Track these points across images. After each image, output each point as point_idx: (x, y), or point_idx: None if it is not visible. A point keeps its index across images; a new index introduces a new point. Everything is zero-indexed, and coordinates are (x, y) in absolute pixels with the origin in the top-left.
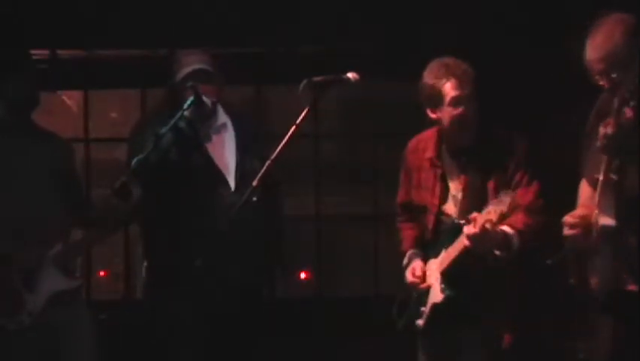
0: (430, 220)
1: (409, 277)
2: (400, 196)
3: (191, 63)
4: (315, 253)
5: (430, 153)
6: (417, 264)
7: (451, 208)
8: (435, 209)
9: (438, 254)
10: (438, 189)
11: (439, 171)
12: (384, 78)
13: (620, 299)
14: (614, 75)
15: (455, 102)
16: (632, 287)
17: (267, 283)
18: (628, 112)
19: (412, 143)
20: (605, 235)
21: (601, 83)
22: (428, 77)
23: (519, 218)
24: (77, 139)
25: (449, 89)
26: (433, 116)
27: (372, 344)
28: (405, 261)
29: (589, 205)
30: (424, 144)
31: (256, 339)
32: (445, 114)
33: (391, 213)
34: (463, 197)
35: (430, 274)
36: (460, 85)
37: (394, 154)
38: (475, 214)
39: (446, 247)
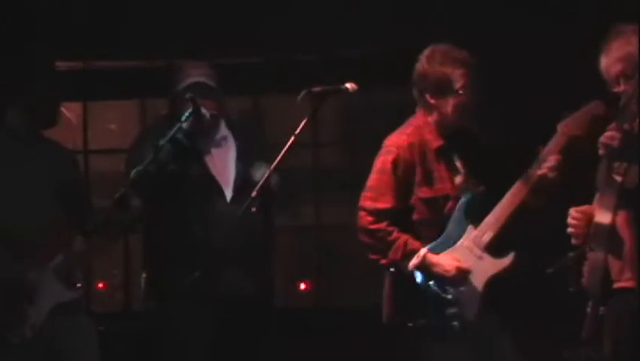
0: (449, 207)
1: (454, 267)
2: (385, 202)
3: (193, 76)
4: (316, 262)
5: (435, 143)
6: (450, 256)
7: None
8: (455, 194)
9: (460, 235)
10: (453, 176)
11: (447, 160)
12: (383, 85)
13: (610, 297)
14: (633, 78)
15: (464, 90)
16: (619, 285)
17: (266, 292)
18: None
19: (401, 140)
20: (598, 233)
21: (618, 90)
22: (432, 63)
23: None
24: (77, 150)
25: (459, 77)
26: (432, 102)
27: (371, 355)
28: (419, 260)
29: None
30: (417, 137)
31: (257, 349)
32: (451, 101)
33: None
34: (467, 172)
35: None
36: (468, 73)
37: None
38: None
39: (474, 221)
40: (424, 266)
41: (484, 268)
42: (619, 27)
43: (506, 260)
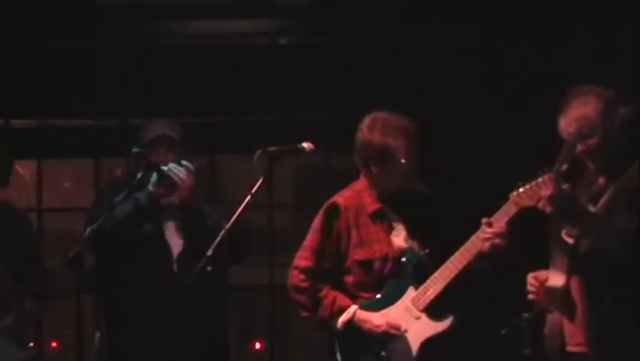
0: (388, 268)
1: (385, 322)
2: (307, 261)
3: (157, 130)
4: (269, 323)
5: (372, 207)
6: (382, 314)
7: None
8: (394, 255)
9: (399, 295)
10: (391, 237)
11: (386, 223)
12: (336, 148)
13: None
14: (589, 139)
15: (405, 159)
16: (572, 349)
17: (220, 352)
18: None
19: (339, 204)
20: (552, 295)
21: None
22: (374, 133)
23: None
24: (31, 209)
25: (400, 146)
26: (374, 170)
27: None
28: (348, 317)
29: None
30: (355, 201)
31: None
32: (392, 170)
33: None
34: (409, 233)
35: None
36: (409, 142)
37: None
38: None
39: (416, 283)
40: (353, 323)
41: (421, 329)
42: (577, 88)
43: (444, 323)
